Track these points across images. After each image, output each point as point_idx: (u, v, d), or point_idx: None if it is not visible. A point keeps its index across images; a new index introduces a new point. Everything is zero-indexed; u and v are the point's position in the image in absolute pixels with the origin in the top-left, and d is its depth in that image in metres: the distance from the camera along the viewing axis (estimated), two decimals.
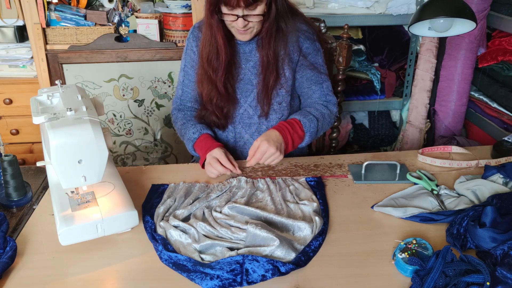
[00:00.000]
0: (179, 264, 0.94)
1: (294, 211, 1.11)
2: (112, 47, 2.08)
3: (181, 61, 1.49)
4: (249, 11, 1.23)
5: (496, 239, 0.93)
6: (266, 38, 1.31)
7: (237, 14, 1.23)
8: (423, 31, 1.49)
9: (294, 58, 1.40)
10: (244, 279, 0.88)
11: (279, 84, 1.39)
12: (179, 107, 1.50)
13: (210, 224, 1.05)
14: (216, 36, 1.31)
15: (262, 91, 1.38)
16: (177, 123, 1.47)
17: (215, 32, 1.31)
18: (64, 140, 0.91)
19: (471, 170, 1.30)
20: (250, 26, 1.27)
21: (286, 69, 1.39)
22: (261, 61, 1.36)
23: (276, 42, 1.33)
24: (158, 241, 1.00)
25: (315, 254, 0.97)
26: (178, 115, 1.48)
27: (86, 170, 0.95)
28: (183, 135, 1.43)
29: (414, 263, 0.89)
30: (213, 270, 0.90)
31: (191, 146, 1.38)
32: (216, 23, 1.29)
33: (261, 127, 1.44)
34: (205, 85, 1.38)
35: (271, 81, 1.36)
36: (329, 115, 1.41)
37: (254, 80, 1.40)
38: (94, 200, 1.05)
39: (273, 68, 1.35)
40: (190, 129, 1.39)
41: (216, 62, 1.34)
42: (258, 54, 1.37)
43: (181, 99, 1.50)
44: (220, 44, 1.32)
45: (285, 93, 1.41)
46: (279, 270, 0.89)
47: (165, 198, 1.18)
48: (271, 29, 1.30)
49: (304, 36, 1.40)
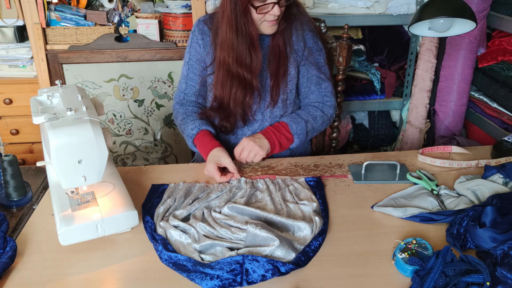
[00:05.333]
0: (179, 264, 0.94)
1: (293, 211, 1.11)
2: (112, 47, 2.08)
3: (185, 55, 1.47)
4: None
5: (496, 239, 0.93)
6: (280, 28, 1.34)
7: (273, 2, 1.24)
8: (423, 31, 1.49)
9: (299, 54, 1.41)
10: (244, 279, 0.88)
11: (285, 79, 1.40)
12: (182, 102, 1.47)
13: (210, 224, 1.05)
14: (251, 34, 1.31)
15: (273, 83, 1.39)
16: (177, 118, 1.45)
17: (248, 30, 1.30)
18: (64, 140, 0.91)
19: (471, 170, 1.30)
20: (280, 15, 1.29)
21: (291, 65, 1.40)
22: (272, 52, 1.37)
23: (286, 32, 1.37)
24: (158, 241, 1.00)
25: (315, 254, 0.97)
26: (179, 110, 1.46)
27: (86, 170, 0.95)
28: (183, 131, 1.42)
29: (414, 263, 0.89)
30: (213, 270, 0.90)
31: (191, 143, 1.38)
32: (248, 22, 1.29)
33: (264, 124, 1.44)
34: (229, 87, 1.36)
35: (281, 72, 1.38)
36: (321, 117, 1.41)
37: (264, 73, 1.40)
38: (94, 200, 1.05)
39: (284, 59, 1.37)
40: (189, 125, 1.38)
41: (249, 61, 1.33)
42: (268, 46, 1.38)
43: (184, 93, 1.48)
44: (255, 41, 1.32)
45: (289, 90, 1.41)
46: (279, 270, 0.89)
47: (165, 198, 1.18)
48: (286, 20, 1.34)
49: (309, 34, 1.41)
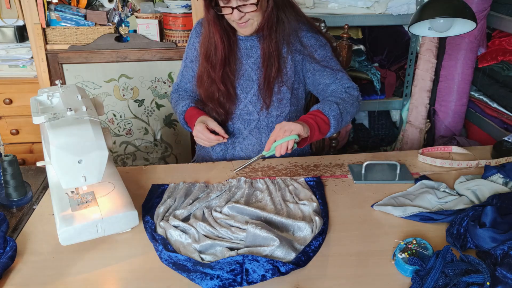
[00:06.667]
0: (179, 264, 0.94)
1: (293, 211, 1.11)
2: (112, 47, 2.07)
3: (184, 53, 1.54)
4: (243, 1, 1.23)
5: (496, 239, 0.93)
6: (267, 29, 1.32)
7: (231, 6, 1.24)
8: (423, 31, 1.49)
9: (297, 55, 1.39)
10: (244, 279, 0.88)
11: (281, 80, 1.38)
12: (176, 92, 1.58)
13: (210, 224, 1.05)
14: (213, 31, 1.33)
15: (263, 84, 1.38)
16: (172, 102, 1.56)
17: (212, 27, 1.32)
18: (64, 140, 0.91)
19: (471, 170, 1.30)
20: (248, 18, 1.28)
21: (288, 66, 1.38)
22: (263, 53, 1.36)
23: (277, 33, 1.34)
24: (158, 241, 1.00)
25: (315, 254, 0.97)
26: (173, 96, 1.56)
27: (86, 170, 0.94)
28: (176, 111, 1.51)
29: (414, 263, 0.89)
30: (213, 270, 0.89)
31: (182, 119, 1.45)
32: (212, 18, 1.31)
33: (261, 124, 1.44)
34: (204, 82, 1.41)
35: (273, 73, 1.36)
36: (349, 97, 1.32)
37: (255, 76, 1.40)
38: (94, 200, 1.05)
39: (274, 60, 1.35)
40: (180, 104, 1.47)
41: (214, 58, 1.36)
42: (259, 49, 1.38)
43: (178, 87, 1.57)
44: (217, 39, 1.33)
45: (286, 90, 1.41)
46: (279, 270, 0.89)
47: (165, 198, 1.18)
48: (272, 19, 1.31)
49: (307, 35, 1.40)
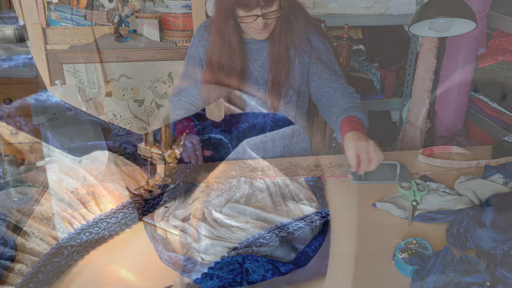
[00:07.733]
0: (179, 264, 0.94)
1: (293, 211, 1.11)
2: (112, 47, 2.07)
3: (186, 57, 1.51)
4: (267, 8, 1.23)
5: (496, 239, 0.93)
6: (278, 32, 1.32)
7: (256, 14, 1.23)
8: (423, 31, 1.49)
9: (305, 58, 1.39)
10: (244, 279, 0.88)
11: (288, 83, 1.38)
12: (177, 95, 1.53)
13: (210, 224, 1.05)
14: (231, 40, 1.31)
15: (272, 87, 1.37)
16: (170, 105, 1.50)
17: (229, 36, 1.30)
18: (64, 140, 0.91)
19: (471, 170, 1.29)
20: (269, 23, 1.28)
21: (296, 68, 1.38)
22: (272, 56, 1.35)
23: (287, 35, 1.34)
24: (158, 241, 1.00)
25: (315, 254, 0.96)
26: (173, 99, 1.51)
27: (86, 170, 0.95)
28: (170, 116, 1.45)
29: (414, 263, 0.89)
30: (213, 270, 0.89)
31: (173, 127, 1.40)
32: (231, 28, 1.29)
33: (266, 127, 1.44)
34: (214, 90, 1.38)
35: (282, 76, 1.36)
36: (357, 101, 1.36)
37: (261, 80, 1.39)
38: (94, 200, 1.06)
39: (285, 63, 1.35)
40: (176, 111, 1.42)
41: (229, 66, 1.34)
42: (267, 52, 1.37)
43: (179, 90, 1.53)
44: (236, 48, 1.32)
45: (293, 93, 1.41)
46: (279, 270, 0.89)
47: (165, 198, 1.17)
48: (284, 23, 1.31)
49: (315, 37, 1.39)
